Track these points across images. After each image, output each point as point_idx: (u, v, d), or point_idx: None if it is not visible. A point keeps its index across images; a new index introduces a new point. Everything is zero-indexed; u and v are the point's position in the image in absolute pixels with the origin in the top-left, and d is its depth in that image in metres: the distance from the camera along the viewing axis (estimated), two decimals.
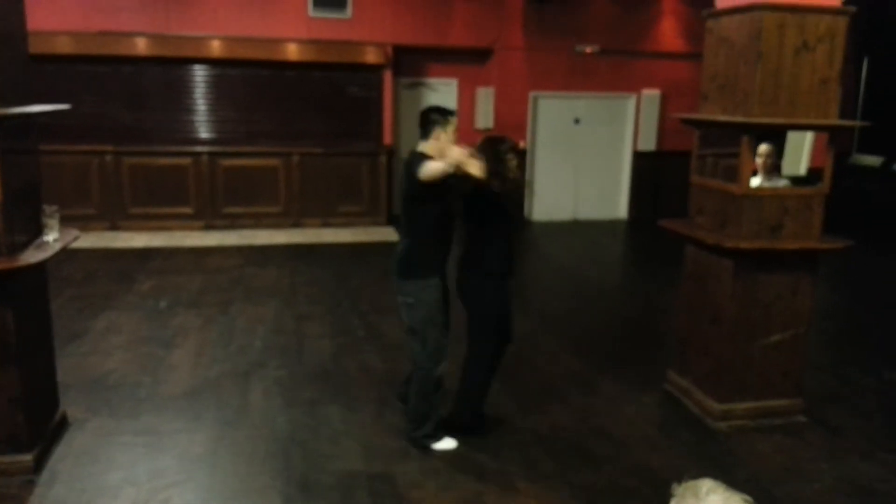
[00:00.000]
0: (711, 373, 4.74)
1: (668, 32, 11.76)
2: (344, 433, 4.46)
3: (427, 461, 4.14)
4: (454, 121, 4.20)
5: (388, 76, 10.89)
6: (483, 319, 4.31)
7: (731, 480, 1.69)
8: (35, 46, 4.18)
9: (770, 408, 4.74)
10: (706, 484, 1.59)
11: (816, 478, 4.10)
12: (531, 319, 6.79)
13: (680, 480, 1.64)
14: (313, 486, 3.86)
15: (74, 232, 4.25)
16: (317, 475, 3.97)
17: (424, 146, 4.18)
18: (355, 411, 4.76)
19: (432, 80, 11.81)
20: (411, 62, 11.47)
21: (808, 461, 4.29)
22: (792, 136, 10.84)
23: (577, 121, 11.94)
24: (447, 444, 4.30)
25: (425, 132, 4.20)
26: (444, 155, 4.00)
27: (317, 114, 10.59)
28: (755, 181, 5.28)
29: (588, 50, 11.45)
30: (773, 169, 5.40)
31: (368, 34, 10.60)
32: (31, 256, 3.73)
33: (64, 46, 9.54)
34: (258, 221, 10.51)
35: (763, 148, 5.40)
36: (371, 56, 10.59)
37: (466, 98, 11.89)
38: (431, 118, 4.17)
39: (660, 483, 3.94)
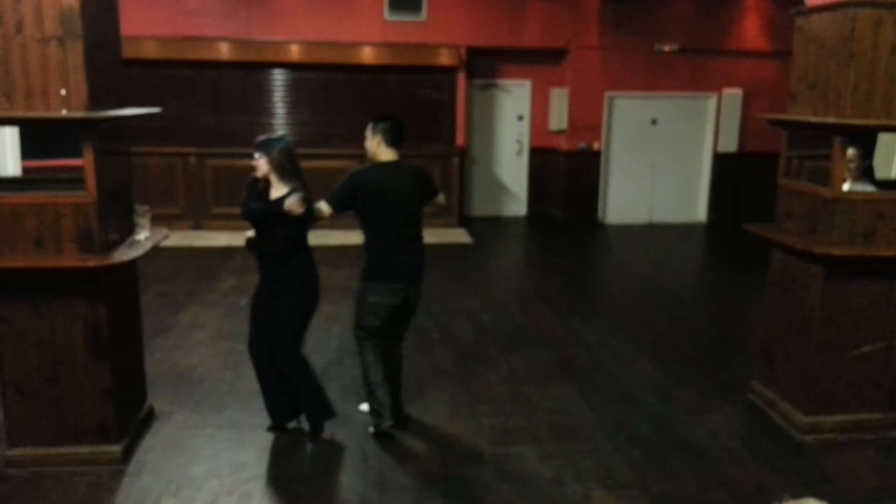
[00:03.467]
0: (798, 384, 4.56)
1: (751, 30, 11.41)
2: (418, 433, 4.48)
3: (502, 465, 4.12)
4: None
5: (461, 78, 10.93)
6: None
7: (819, 497, 1.61)
8: (125, 51, 4.34)
9: (860, 421, 4.53)
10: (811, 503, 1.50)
11: None
12: (605, 324, 6.69)
13: (780, 499, 1.56)
14: (389, 486, 3.89)
15: (164, 231, 4.40)
16: (392, 474, 4.01)
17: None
18: (429, 412, 4.78)
19: (506, 82, 11.78)
20: (485, 63, 11.47)
21: None
22: (882, 139, 10.34)
23: (654, 121, 11.70)
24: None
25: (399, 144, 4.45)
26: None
27: None
28: (844, 187, 5.06)
29: (667, 48, 11.21)
30: (862, 173, 5.15)
31: (443, 36, 10.65)
32: (124, 254, 3.89)
33: (151, 51, 9.92)
34: (333, 221, 10.64)
35: (849, 153, 5.16)
36: (445, 58, 10.64)
37: (540, 99, 11.82)
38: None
39: (744, 497, 3.83)
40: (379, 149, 4.37)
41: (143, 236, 4.16)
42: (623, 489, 3.91)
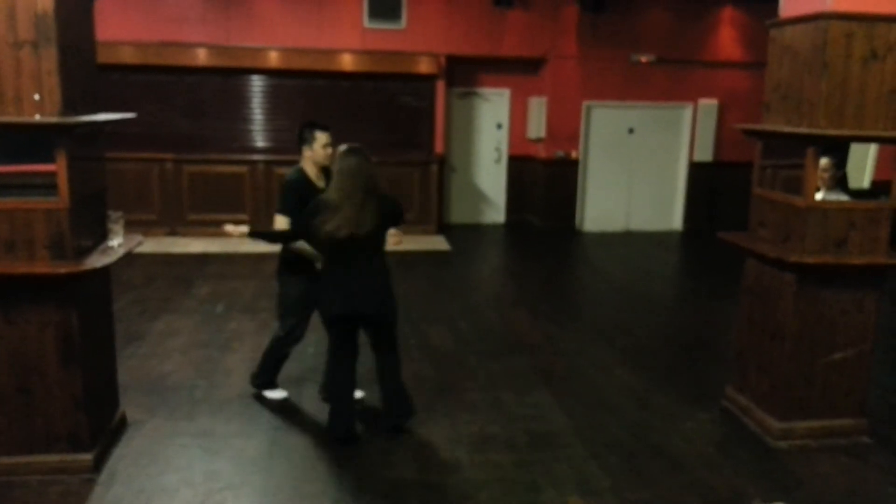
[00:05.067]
0: (772, 390, 4.61)
1: (726, 41, 11.56)
2: (395, 441, 4.46)
3: (479, 472, 4.11)
4: (322, 136, 4.57)
5: (440, 86, 10.97)
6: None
7: (793, 502, 1.62)
8: (101, 56, 4.31)
9: (832, 427, 4.59)
10: None
11: (883, 502, 3.95)
12: (582, 331, 6.72)
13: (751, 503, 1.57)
14: (365, 493, 3.87)
15: (138, 237, 4.35)
16: (369, 482, 3.99)
17: (303, 162, 4.63)
18: None
19: (485, 90, 11.83)
20: (464, 72, 11.53)
21: (873, 484, 4.13)
22: (855, 149, 10.52)
23: (631, 130, 11.80)
24: (277, 394, 4.94)
25: (299, 148, 4.64)
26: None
27: (370, 123, 10.71)
28: (817, 196, 5.13)
29: (643, 59, 11.33)
30: (835, 183, 5.24)
31: (422, 44, 10.69)
32: (97, 261, 3.83)
33: (128, 56, 9.86)
34: None
35: (822, 162, 5.24)
36: (424, 66, 10.68)
37: (519, 108, 11.89)
38: (301, 136, 4.56)
39: (718, 503, 3.86)
40: None
41: (117, 242, 4.11)
42: (599, 495, 3.92)
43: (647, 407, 5.08)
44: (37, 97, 3.56)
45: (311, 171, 4.63)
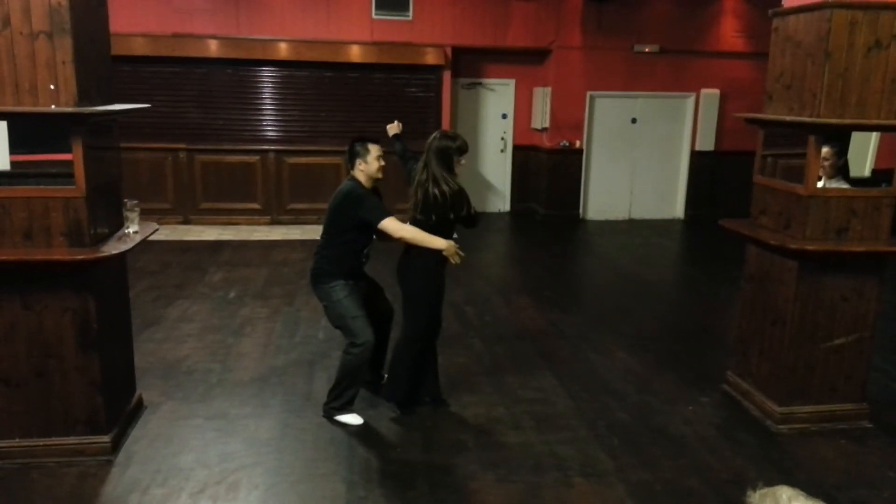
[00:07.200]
0: (772, 375, 4.69)
1: (729, 31, 11.58)
2: (404, 423, 4.56)
3: (485, 454, 4.21)
4: (374, 148, 4.54)
5: (446, 77, 11.02)
6: (416, 302, 4.66)
7: (792, 484, 1.64)
8: (113, 48, 4.36)
9: (833, 412, 4.66)
10: (786, 491, 1.52)
11: (883, 485, 4.02)
12: (585, 317, 6.80)
13: (754, 487, 1.58)
14: (375, 474, 3.98)
15: (153, 225, 4.45)
16: (378, 463, 4.09)
17: (356, 174, 4.57)
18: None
19: (490, 81, 11.88)
20: (470, 63, 11.57)
21: (873, 468, 4.20)
22: (856, 137, 10.52)
23: (634, 120, 11.84)
24: (350, 418, 4.53)
25: (350, 163, 4.58)
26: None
27: (378, 114, 10.75)
28: (818, 184, 5.17)
29: (647, 49, 11.35)
30: (837, 171, 5.29)
31: (429, 36, 10.75)
32: (113, 248, 3.92)
33: (140, 48, 9.94)
34: (321, 217, 10.67)
35: (824, 151, 5.28)
36: (431, 57, 10.73)
37: (523, 98, 11.94)
38: (354, 151, 4.54)
39: (719, 485, 3.95)
40: None
41: (133, 230, 4.20)
42: (602, 477, 4.01)
43: (649, 391, 5.17)
44: (52, 87, 3.63)
45: (364, 182, 4.55)
